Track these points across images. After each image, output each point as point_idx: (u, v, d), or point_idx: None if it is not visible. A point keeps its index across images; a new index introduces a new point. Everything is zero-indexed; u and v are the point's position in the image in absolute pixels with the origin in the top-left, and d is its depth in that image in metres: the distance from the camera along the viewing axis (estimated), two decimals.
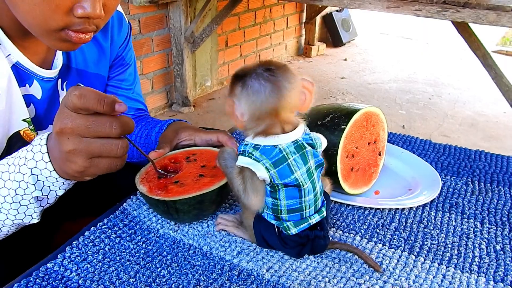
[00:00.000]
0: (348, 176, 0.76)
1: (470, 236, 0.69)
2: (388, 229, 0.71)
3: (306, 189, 0.61)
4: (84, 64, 0.82)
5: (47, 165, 0.57)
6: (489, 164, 0.90)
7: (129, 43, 0.93)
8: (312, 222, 0.63)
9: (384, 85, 3.64)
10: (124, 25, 0.89)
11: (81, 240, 0.66)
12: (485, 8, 1.57)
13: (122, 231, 0.69)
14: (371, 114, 0.77)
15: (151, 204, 0.69)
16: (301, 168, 0.59)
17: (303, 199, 0.61)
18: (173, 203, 0.65)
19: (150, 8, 2.63)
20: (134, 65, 0.97)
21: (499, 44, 4.75)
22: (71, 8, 0.58)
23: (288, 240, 0.63)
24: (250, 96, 0.57)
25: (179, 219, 0.69)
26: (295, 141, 0.59)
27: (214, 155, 0.75)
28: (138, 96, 0.99)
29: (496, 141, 2.75)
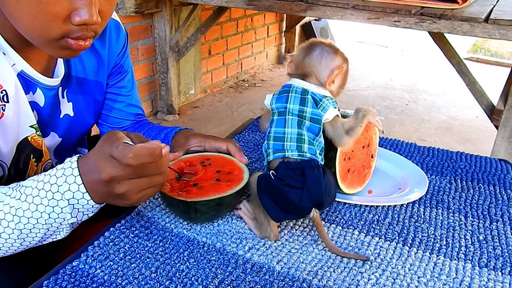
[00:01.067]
0: (345, 177, 0.83)
1: (456, 228, 0.77)
2: (383, 224, 0.78)
3: (290, 121, 0.75)
4: (83, 72, 0.85)
5: (85, 195, 0.60)
6: (469, 164, 0.98)
7: (127, 50, 0.95)
8: (290, 154, 0.73)
9: (363, 92, 3.76)
10: (122, 34, 0.91)
11: (102, 240, 0.71)
12: (459, 19, 1.67)
13: (139, 231, 0.73)
14: None
15: (171, 204, 0.75)
16: (295, 104, 0.75)
17: (286, 130, 0.74)
18: (193, 204, 0.71)
19: (135, 18, 2.67)
20: (132, 71, 1.01)
21: (470, 51, 4.96)
22: (68, 16, 0.60)
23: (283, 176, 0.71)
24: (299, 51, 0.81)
25: (195, 219, 0.75)
26: (305, 89, 0.76)
27: (227, 161, 0.82)
28: (137, 101, 1.03)
29: (470, 144, 2.89)
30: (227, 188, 0.74)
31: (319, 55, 0.78)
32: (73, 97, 0.85)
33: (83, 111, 0.89)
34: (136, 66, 2.84)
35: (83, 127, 0.91)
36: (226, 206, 0.75)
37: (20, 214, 0.61)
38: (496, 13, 1.70)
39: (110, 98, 0.96)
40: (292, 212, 0.71)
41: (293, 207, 0.70)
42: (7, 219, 0.61)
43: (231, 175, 0.78)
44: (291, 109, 0.75)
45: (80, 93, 0.86)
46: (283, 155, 0.74)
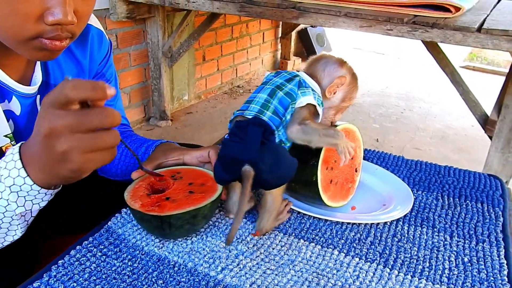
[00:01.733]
0: (328, 188, 0.80)
1: (440, 249, 0.73)
2: (364, 243, 0.74)
3: (266, 89, 0.75)
4: (62, 79, 0.82)
5: (26, 180, 0.56)
6: (457, 179, 0.95)
7: (110, 59, 0.94)
8: (247, 113, 0.73)
9: (358, 99, 3.72)
10: (104, 42, 0.90)
11: (67, 259, 0.67)
12: (452, 28, 1.65)
13: (108, 249, 0.70)
14: (348, 131, 0.81)
15: (143, 220, 0.71)
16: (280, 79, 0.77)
17: (258, 95, 0.75)
18: (167, 218, 0.68)
19: (127, 23, 2.64)
20: (115, 81, 0.99)
21: (467, 59, 4.95)
22: (41, 16, 0.59)
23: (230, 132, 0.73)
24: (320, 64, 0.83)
25: (169, 234, 0.71)
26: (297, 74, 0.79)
27: (199, 173, 0.78)
28: (120, 112, 0.99)
29: (465, 153, 2.86)
30: (202, 199, 0.71)
31: (324, 64, 0.82)
32: None
33: None
34: (129, 72, 2.81)
35: None
36: (202, 218, 0.71)
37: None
38: (489, 22, 1.67)
39: None
40: (231, 171, 0.69)
41: (230, 163, 0.69)
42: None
43: (205, 187, 0.74)
44: (273, 81, 0.77)
45: None
46: (241, 113, 0.74)
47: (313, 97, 0.75)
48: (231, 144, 0.69)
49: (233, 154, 0.68)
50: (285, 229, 0.77)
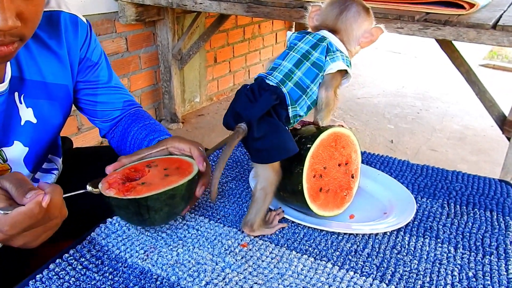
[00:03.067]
0: (317, 197, 0.75)
1: (443, 262, 0.68)
2: (361, 256, 0.70)
3: (291, 56, 0.73)
4: (39, 75, 0.81)
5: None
6: (465, 185, 0.89)
7: (91, 42, 0.91)
8: (269, 78, 0.71)
9: (373, 99, 3.66)
10: (81, 27, 0.87)
11: (45, 273, 0.64)
12: (465, 26, 1.58)
13: (89, 261, 0.67)
14: (340, 135, 0.76)
15: (120, 207, 0.68)
16: (306, 45, 0.73)
17: (283, 62, 0.73)
18: (144, 201, 0.65)
19: (137, 26, 2.64)
20: (106, 61, 0.96)
21: (487, 58, 4.81)
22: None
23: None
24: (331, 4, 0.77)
25: (150, 220, 0.69)
26: (323, 37, 0.74)
27: (174, 160, 0.77)
28: (120, 89, 0.98)
29: (484, 155, 2.76)
30: (178, 179, 0.69)
31: (357, 13, 0.76)
32: (32, 102, 0.81)
33: (48, 116, 0.84)
34: (139, 75, 2.80)
35: (50, 133, 0.87)
36: (180, 199, 0.69)
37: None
38: (505, 19, 1.60)
39: (90, 93, 0.93)
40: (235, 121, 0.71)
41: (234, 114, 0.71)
42: None
43: (180, 169, 0.73)
44: (299, 47, 0.73)
45: (42, 98, 0.82)
46: (265, 76, 0.72)
47: (343, 62, 0.73)
48: (243, 98, 0.70)
49: (239, 107, 0.70)
50: (277, 239, 0.73)
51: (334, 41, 0.74)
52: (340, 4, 0.76)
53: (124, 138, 0.94)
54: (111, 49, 2.50)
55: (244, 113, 0.69)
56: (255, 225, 0.72)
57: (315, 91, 0.73)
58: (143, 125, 0.93)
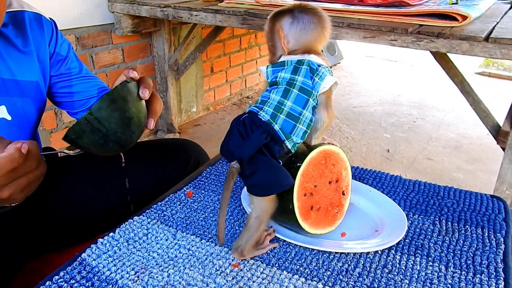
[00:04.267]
0: (308, 215, 0.75)
1: (433, 281, 0.68)
2: (352, 275, 0.70)
3: (277, 90, 0.72)
4: (9, 73, 0.83)
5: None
6: (457, 201, 0.90)
7: (58, 38, 0.94)
8: (261, 114, 0.70)
9: (370, 108, 3.67)
10: (46, 24, 0.91)
11: None
12: (458, 38, 1.59)
13: (79, 283, 0.67)
14: (329, 153, 0.77)
15: (81, 136, 0.68)
16: (286, 73, 0.73)
17: (271, 95, 0.72)
18: (90, 115, 0.66)
19: (133, 37, 2.65)
20: (74, 54, 1.00)
21: (482, 65, 4.83)
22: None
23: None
24: (300, 26, 0.74)
25: (112, 133, 0.69)
26: (300, 60, 0.73)
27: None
28: (91, 77, 1.02)
29: (479, 164, 2.77)
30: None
31: (312, 22, 0.75)
32: (5, 99, 0.83)
33: (22, 113, 0.87)
34: None
35: (27, 130, 0.89)
36: (123, 101, 0.69)
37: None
38: (498, 31, 1.61)
39: (65, 86, 0.97)
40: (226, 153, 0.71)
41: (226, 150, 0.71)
42: None
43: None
44: (281, 78, 0.73)
45: (14, 95, 0.84)
46: (257, 110, 0.72)
47: (330, 75, 0.74)
48: (235, 134, 0.70)
49: (232, 145, 0.70)
50: (268, 258, 0.73)
51: (312, 58, 0.74)
52: (296, 20, 0.74)
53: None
54: (107, 60, 2.51)
55: (236, 151, 0.69)
56: (245, 251, 0.71)
57: (308, 116, 0.73)
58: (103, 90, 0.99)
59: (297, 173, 0.72)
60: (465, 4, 1.88)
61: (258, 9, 2.04)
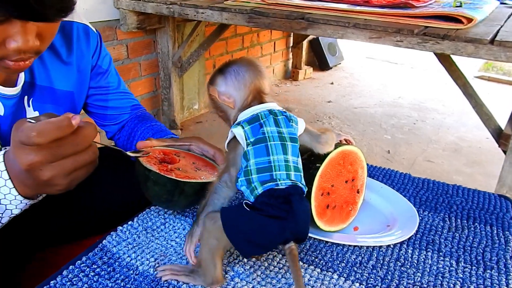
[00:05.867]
0: (323, 214, 0.77)
1: (445, 275, 0.70)
2: (366, 267, 0.71)
3: (274, 147, 0.64)
4: (48, 81, 0.84)
5: (7, 183, 0.58)
6: (466, 200, 0.92)
7: (102, 51, 0.96)
8: (281, 183, 0.62)
9: (370, 109, 3.69)
10: (92, 36, 0.92)
11: (59, 279, 0.66)
12: (463, 40, 1.61)
13: (101, 268, 0.68)
14: (348, 153, 0.78)
15: (157, 183, 0.73)
16: (271, 126, 0.66)
17: (271, 158, 0.64)
18: (183, 184, 0.71)
19: (138, 33, 2.66)
20: (114, 68, 1.02)
21: (482, 69, 4.87)
22: (3, 42, 0.61)
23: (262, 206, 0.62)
24: (233, 78, 0.70)
25: (175, 202, 0.74)
26: (271, 110, 0.67)
27: (199, 158, 0.84)
28: (127, 94, 1.04)
29: (479, 167, 2.80)
30: (209, 176, 0.76)
31: (242, 67, 0.71)
32: (39, 106, 0.84)
33: None
34: (139, 82, 2.82)
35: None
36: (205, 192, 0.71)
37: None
38: (502, 34, 1.63)
39: (101, 99, 0.98)
40: (267, 247, 0.65)
41: (269, 241, 0.62)
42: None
43: (208, 168, 0.80)
44: (269, 132, 0.65)
45: (48, 102, 0.86)
46: (275, 184, 0.62)
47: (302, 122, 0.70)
48: (270, 221, 0.61)
49: (276, 233, 0.61)
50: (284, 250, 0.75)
51: (275, 106, 0.69)
52: (227, 74, 0.70)
53: (130, 138, 1.00)
54: (112, 56, 2.52)
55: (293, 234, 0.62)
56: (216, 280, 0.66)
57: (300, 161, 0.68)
58: (150, 125, 0.99)
59: (316, 173, 0.74)
60: (469, 7, 1.91)
61: (264, 7, 2.06)
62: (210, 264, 0.65)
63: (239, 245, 0.63)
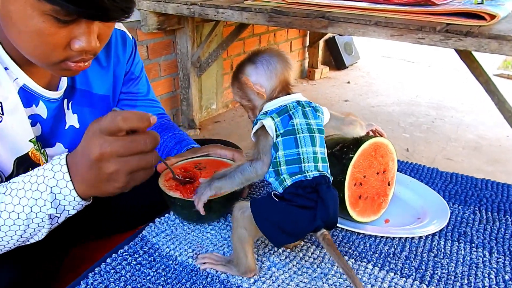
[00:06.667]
0: (356, 204, 0.78)
1: (479, 265, 0.71)
2: (399, 258, 0.73)
3: (302, 139, 0.65)
4: (87, 85, 0.87)
5: (68, 184, 0.60)
6: (495, 193, 0.92)
7: (136, 57, 0.98)
8: (309, 175, 0.63)
9: (387, 108, 3.68)
10: (128, 42, 0.94)
11: (103, 266, 0.68)
12: (487, 37, 1.61)
13: (142, 258, 0.71)
14: (379, 145, 0.80)
15: (184, 208, 0.75)
16: (300, 118, 0.66)
17: (300, 150, 0.65)
18: (209, 203, 0.72)
19: (158, 34, 2.70)
20: (145, 76, 1.04)
21: (501, 67, 4.81)
22: (68, 43, 0.64)
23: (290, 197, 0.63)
24: (265, 67, 0.70)
25: (205, 218, 0.76)
26: (298, 101, 0.68)
27: (219, 162, 0.85)
28: (155, 102, 1.07)
29: (499, 165, 2.77)
30: None
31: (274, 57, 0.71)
32: (78, 109, 0.87)
33: (89, 122, 0.89)
34: (158, 82, 2.86)
35: None
36: (234, 201, 0.74)
37: (1, 209, 0.60)
38: None
39: (129, 104, 1.00)
40: (298, 235, 0.66)
41: (301, 229, 0.64)
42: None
43: None
44: (298, 125, 0.66)
45: (86, 106, 0.88)
46: (303, 176, 0.64)
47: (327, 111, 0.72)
48: (300, 211, 0.63)
49: (307, 222, 0.63)
50: (317, 241, 0.76)
51: (301, 97, 0.70)
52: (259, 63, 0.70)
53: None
54: None
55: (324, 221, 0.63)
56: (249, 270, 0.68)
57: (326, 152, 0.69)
58: (173, 134, 1.00)
59: (349, 164, 0.76)
60: (490, 4, 1.89)
61: (285, 7, 2.07)
62: (241, 253, 0.67)
63: (271, 236, 0.65)
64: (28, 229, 0.63)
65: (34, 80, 0.75)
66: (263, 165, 0.67)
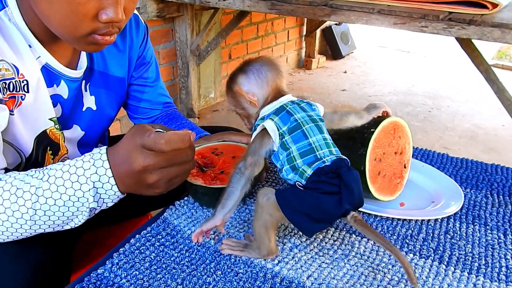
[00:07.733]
0: (375, 180, 0.80)
1: (495, 247, 0.73)
2: (417, 240, 0.74)
3: (310, 129, 0.67)
4: (104, 66, 0.87)
5: (110, 180, 0.61)
6: (506, 177, 0.94)
7: (148, 42, 0.98)
8: (327, 160, 0.65)
9: (385, 98, 3.70)
10: (141, 26, 0.94)
11: (127, 247, 0.69)
12: (490, 25, 1.62)
13: (165, 239, 0.72)
14: (398, 125, 0.82)
15: (207, 195, 0.76)
16: (300, 113, 0.68)
17: (311, 140, 0.67)
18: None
19: (157, 22, 2.67)
20: (155, 61, 1.03)
21: (495, 58, 4.85)
22: (96, 15, 0.64)
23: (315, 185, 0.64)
24: (256, 77, 0.72)
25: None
26: (291, 100, 0.71)
27: (236, 147, 0.86)
28: (163, 90, 1.07)
29: (495, 154, 2.81)
30: None
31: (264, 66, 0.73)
32: (95, 90, 0.87)
33: (105, 105, 0.91)
34: None
35: (105, 121, 0.94)
36: (254, 184, 0.76)
37: (39, 193, 0.61)
38: None
39: (138, 90, 0.99)
40: (327, 221, 0.67)
41: (329, 216, 0.65)
42: (25, 197, 0.61)
43: None
44: (301, 118, 0.68)
45: (102, 87, 0.88)
46: (321, 162, 0.65)
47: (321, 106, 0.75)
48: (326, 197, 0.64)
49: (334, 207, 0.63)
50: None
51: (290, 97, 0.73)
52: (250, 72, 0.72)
53: None
54: None
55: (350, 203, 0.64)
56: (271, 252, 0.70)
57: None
58: (180, 123, 1.00)
59: (370, 137, 0.77)
60: None
61: None
62: (264, 237, 0.68)
63: (302, 225, 0.66)
64: (63, 216, 0.63)
65: (55, 59, 0.74)
66: (245, 164, 0.69)
